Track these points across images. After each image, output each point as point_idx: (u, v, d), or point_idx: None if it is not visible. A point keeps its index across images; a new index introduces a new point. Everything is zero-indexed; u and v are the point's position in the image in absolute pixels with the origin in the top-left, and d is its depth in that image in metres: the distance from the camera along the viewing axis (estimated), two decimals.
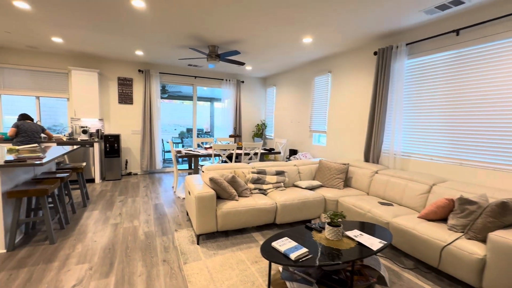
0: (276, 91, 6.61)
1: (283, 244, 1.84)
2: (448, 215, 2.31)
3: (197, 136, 7.05)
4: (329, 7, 2.74)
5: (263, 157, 5.01)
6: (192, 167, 4.88)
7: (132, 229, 2.97)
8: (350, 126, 4.28)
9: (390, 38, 3.59)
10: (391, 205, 2.86)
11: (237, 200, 2.81)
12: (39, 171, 3.21)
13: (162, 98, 5.96)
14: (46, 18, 3.26)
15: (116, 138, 5.26)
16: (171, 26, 3.43)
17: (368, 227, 2.22)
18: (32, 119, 4.13)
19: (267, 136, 7.09)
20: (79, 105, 5.03)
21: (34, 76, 4.95)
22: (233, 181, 2.91)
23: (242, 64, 4.58)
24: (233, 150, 4.40)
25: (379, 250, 1.82)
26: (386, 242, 1.92)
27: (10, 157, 2.71)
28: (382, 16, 2.92)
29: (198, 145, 5.79)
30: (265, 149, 5.13)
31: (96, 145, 4.99)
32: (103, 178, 5.40)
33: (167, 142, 7.86)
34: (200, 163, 5.06)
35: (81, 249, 2.49)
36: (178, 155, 4.22)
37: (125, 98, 5.66)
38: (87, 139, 5.00)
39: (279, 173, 3.43)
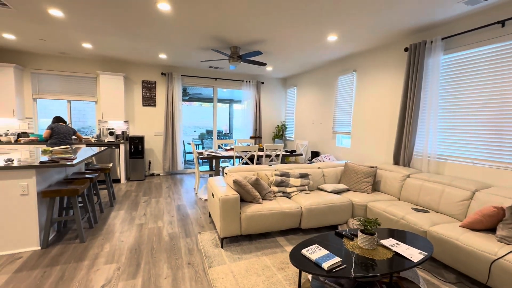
0: (297, 91, 6.48)
1: (314, 252, 1.74)
2: (496, 225, 2.09)
3: (217, 138, 7.09)
4: (357, 1, 2.60)
5: (284, 159, 4.91)
6: (214, 169, 4.88)
7: (157, 230, 3.00)
8: (376, 127, 4.07)
9: (423, 32, 3.36)
10: (427, 211, 2.65)
11: (261, 203, 2.74)
12: (70, 171, 3.34)
13: (183, 100, 6.04)
14: (77, 24, 3.40)
15: (140, 140, 5.40)
16: (194, 28, 3.45)
17: (403, 236, 2.06)
18: (65, 122, 4.34)
19: (287, 138, 6.98)
20: (106, 108, 5.22)
21: (65, 81, 5.21)
22: (256, 184, 2.84)
23: (264, 64, 4.52)
24: (254, 152, 4.35)
25: (421, 262, 1.66)
26: (427, 254, 1.76)
27: (45, 158, 2.84)
28: (415, 9, 2.74)
29: (219, 147, 5.80)
30: (286, 151, 5.03)
31: (121, 147, 5.15)
32: (128, 178, 5.56)
33: (188, 144, 7.99)
34: (221, 164, 5.06)
35: (109, 249, 2.54)
36: (200, 156, 4.24)
37: (149, 100, 5.80)
38: (113, 141, 5.17)
39: (303, 175, 3.31)
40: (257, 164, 5.07)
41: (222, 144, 5.70)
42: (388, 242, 1.92)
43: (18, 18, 3.22)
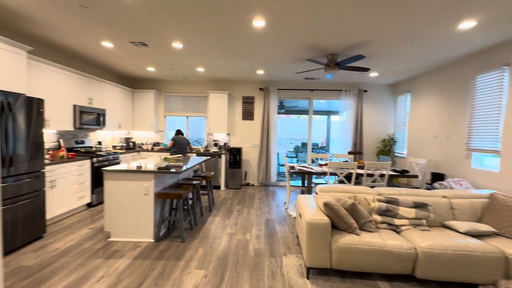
0: (411, 99, 5.35)
1: None
2: None
3: (312, 151, 6.77)
4: None
5: (392, 181, 4.05)
6: (305, 185, 4.61)
7: (244, 243, 3.00)
8: None
9: None
10: None
11: (357, 234, 2.26)
12: (181, 177, 3.90)
13: (279, 113, 6.13)
14: (192, 52, 4.03)
15: (238, 151, 5.81)
16: (288, 41, 3.40)
17: None
18: (183, 134, 5.21)
19: (396, 154, 5.83)
20: (213, 122, 5.95)
21: (185, 101, 6.32)
22: (353, 210, 2.38)
23: (366, 70, 3.95)
24: (352, 169, 3.79)
25: None
26: None
27: (165, 164, 3.42)
28: None
29: (313, 161, 5.49)
30: (395, 171, 4.14)
31: (223, 157, 5.69)
32: (226, 186, 6.08)
33: (282, 156, 8.03)
34: (314, 180, 4.71)
35: (202, 253, 2.71)
36: (291, 170, 4.07)
37: (247, 114, 6.22)
38: (217, 151, 5.80)
39: (420, 205, 2.55)
40: (355, 184, 4.42)
41: (316, 158, 5.35)
42: None
43: (155, 54, 4.13)
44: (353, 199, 2.73)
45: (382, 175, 3.94)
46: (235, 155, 5.81)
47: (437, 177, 4.18)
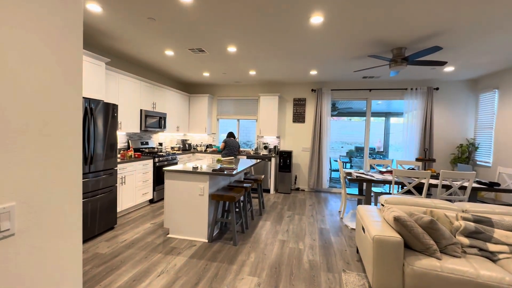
0: (499, 96, 4.44)
1: None
2: None
3: (369, 156, 6.19)
4: None
5: (475, 194, 3.38)
6: (363, 193, 4.20)
7: (297, 252, 2.84)
8: None
9: None
10: None
11: (438, 258, 1.89)
12: (232, 179, 3.93)
13: (332, 115, 5.77)
14: (246, 56, 4.06)
15: (288, 154, 5.66)
16: (348, 36, 3.13)
17: None
18: (234, 137, 5.31)
19: (478, 162, 4.91)
20: (263, 125, 5.93)
21: (237, 104, 6.46)
22: (431, 228, 2.01)
23: (442, 64, 3.40)
24: (424, 179, 3.29)
25: None
26: None
27: (218, 166, 3.49)
28: None
29: (371, 167, 4.99)
30: (479, 182, 3.45)
31: (273, 160, 5.61)
32: (276, 189, 5.97)
33: (335, 161, 7.57)
34: (373, 189, 4.26)
35: (254, 259, 2.64)
36: (348, 177, 3.74)
37: (298, 117, 6.03)
38: (267, 154, 5.74)
39: None
40: (427, 196, 3.82)
41: (375, 164, 4.86)
42: None
43: (211, 59, 4.29)
44: (429, 214, 2.32)
45: (462, 187, 3.31)
46: (285, 159, 5.67)
47: None
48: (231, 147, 5.16)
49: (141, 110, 4.55)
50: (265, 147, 5.84)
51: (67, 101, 0.87)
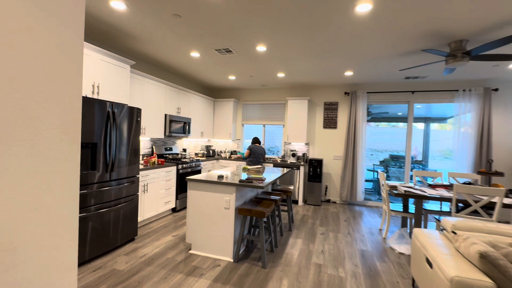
0: None
1: None
2: None
3: (403, 166, 5.52)
4: None
5: None
6: (408, 209, 3.63)
7: (338, 281, 2.40)
8: None
9: None
10: None
11: None
12: (260, 190, 3.59)
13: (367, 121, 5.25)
14: (275, 56, 3.74)
15: (319, 163, 5.21)
16: (398, 28, 2.69)
17: None
18: (260, 142, 4.98)
19: None
20: (291, 131, 5.54)
21: (263, 109, 6.16)
22: None
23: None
24: (496, 197, 2.69)
25: None
26: None
27: (244, 174, 3.18)
28: None
29: (413, 179, 4.37)
30: None
31: (301, 168, 5.19)
32: (305, 201, 5.52)
33: (368, 170, 6.93)
34: (426, 206, 3.67)
35: (287, 287, 2.26)
36: (395, 192, 3.23)
37: (330, 122, 5.56)
38: (295, 162, 5.33)
39: None
40: (501, 222, 3.15)
41: (422, 176, 4.24)
42: None
43: (238, 60, 4.03)
44: None
45: None
46: (315, 167, 5.22)
47: None
48: (256, 154, 4.84)
49: (165, 114, 4.40)
50: (293, 155, 5.44)
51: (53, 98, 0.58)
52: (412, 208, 3.82)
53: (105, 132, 2.68)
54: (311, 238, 3.43)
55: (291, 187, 3.93)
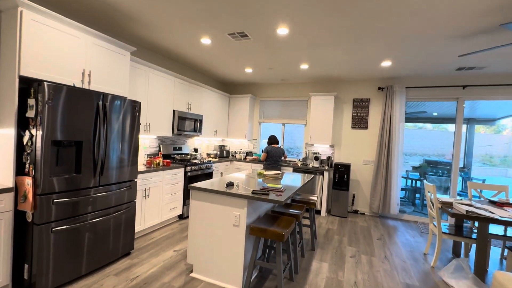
0: None
1: None
2: None
3: (444, 173, 4.66)
4: None
5: None
6: (464, 232, 2.88)
7: None
8: None
9: None
10: None
11: None
12: None
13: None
14: (298, 41, 3.14)
15: (346, 168, 4.53)
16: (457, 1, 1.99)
17: None
18: (277, 142, 4.40)
19: None
20: (314, 131, 4.90)
21: (282, 106, 5.56)
22: None
23: None
24: None
25: None
26: None
27: (259, 181, 2.63)
28: None
29: (468, 192, 3.58)
30: None
31: (325, 174, 4.54)
32: (328, 211, 4.85)
33: (403, 177, 6.09)
34: (492, 231, 2.90)
35: None
36: (450, 210, 2.51)
37: (359, 122, 4.85)
38: (318, 166, 4.69)
39: None
40: None
41: (480, 190, 3.45)
42: None
43: (255, 48, 3.48)
44: None
45: None
46: (341, 173, 4.55)
47: None
48: (274, 157, 4.27)
49: (174, 110, 3.96)
50: (316, 158, 4.79)
51: None
52: (466, 229, 3.06)
53: (94, 129, 2.25)
54: (339, 263, 2.81)
55: (314, 197, 3.31)
